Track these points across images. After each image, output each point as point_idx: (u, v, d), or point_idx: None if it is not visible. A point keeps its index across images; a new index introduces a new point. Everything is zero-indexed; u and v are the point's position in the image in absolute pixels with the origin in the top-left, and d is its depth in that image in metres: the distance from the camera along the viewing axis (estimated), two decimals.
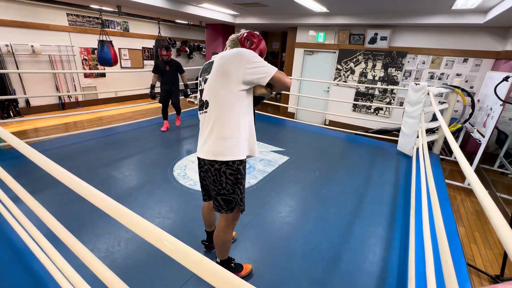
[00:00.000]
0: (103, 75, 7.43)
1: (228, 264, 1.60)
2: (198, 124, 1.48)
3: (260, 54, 1.50)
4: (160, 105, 4.37)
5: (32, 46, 5.76)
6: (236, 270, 1.62)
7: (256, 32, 1.52)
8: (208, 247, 1.82)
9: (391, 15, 4.89)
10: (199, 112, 1.44)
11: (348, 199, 2.59)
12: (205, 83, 1.36)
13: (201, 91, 1.39)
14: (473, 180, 0.91)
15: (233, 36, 1.49)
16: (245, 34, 1.48)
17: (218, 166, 1.33)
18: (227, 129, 1.31)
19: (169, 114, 4.46)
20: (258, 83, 1.33)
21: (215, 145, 1.32)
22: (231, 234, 1.52)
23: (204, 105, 1.37)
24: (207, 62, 1.44)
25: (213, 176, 1.36)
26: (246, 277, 1.64)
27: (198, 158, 1.45)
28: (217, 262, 1.55)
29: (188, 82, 4.56)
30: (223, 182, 1.36)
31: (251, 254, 1.86)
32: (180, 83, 4.35)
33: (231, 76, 1.28)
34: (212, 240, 1.62)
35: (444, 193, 2.70)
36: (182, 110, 4.89)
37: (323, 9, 4.90)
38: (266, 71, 1.30)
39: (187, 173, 2.94)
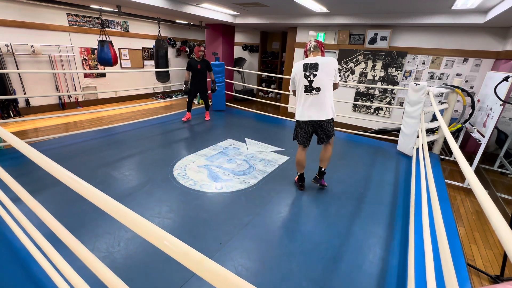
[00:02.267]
0: (103, 75, 7.43)
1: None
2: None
3: None
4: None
5: (32, 46, 5.76)
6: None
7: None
8: (303, 185, 2.72)
9: (391, 15, 4.89)
10: (306, 93, 2.38)
11: (348, 199, 2.59)
12: (313, 76, 2.32)
13: (310, 81, 2.34)
14: (472, 180, 0.91)
15: (314, 43, 2.40)
16: (322, 45, 2.44)
17: (330, 120, 2.43)
18: (331, 102, 2.41)
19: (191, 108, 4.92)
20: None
21: (329, 111, 2.39)
22: None
23: (314, 89, 2.35)
24: (308, 62, 2.34)
25: (328, 126, 2.43)
26: None
27: (309, 121, 2.44)
28: (324, 172, 2.67)
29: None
30: (330, 127, 2.46)
31: (251, 254, 1.86)
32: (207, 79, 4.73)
33: (332, 74, 2.35)
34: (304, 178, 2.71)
35: (444, 193, 2.71)
36: (183, 110, 5.02)
37: (323, 9, 4.90)
38: (339, 77, 2.46)
39: (187, 173, 2.94)
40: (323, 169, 2.65)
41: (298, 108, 2.49)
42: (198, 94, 4.83)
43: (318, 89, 2.33)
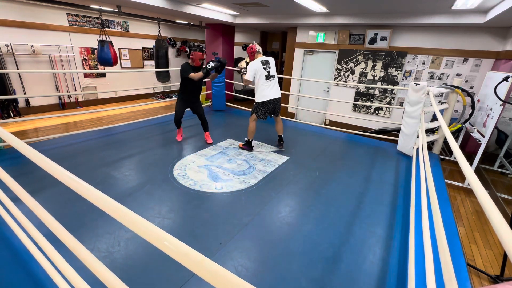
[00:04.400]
0: (103, 75, 7.43)
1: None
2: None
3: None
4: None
5: (32, 46, 5.76)
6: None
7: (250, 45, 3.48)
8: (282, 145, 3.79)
9: (391, 15, 4.89)
10: (267, 80, 3.37)
11: (348, 199, 2.59)
12: (269, 68, 3.38)
13: (268, 71, 3.37)
14: (473, 180, 0.91)
15: (259, 48, 3.44)
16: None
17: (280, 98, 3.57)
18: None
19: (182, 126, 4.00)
20: None
21: (279, 90, 3.55)
22: None
23: (271, 77, 3.40)
24: (262, 59, 3.36)
25: (280, 102, 3.60)
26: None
27: (271, 99, 3.44)
28: (282, 137, 3.77)
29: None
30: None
31: (251, 254, 1.86)
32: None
33: (275, 67, 3.49)
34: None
35: (444, 193, 2.71)
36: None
37: (323, 9, 4.90)
38: None
39: (187, 173, 2.94)
40: (282, 136, 3.74)
41: (262, 93, 3.38)
42: (190, 109, 3.84)
43: (274, 76, 3.43)
